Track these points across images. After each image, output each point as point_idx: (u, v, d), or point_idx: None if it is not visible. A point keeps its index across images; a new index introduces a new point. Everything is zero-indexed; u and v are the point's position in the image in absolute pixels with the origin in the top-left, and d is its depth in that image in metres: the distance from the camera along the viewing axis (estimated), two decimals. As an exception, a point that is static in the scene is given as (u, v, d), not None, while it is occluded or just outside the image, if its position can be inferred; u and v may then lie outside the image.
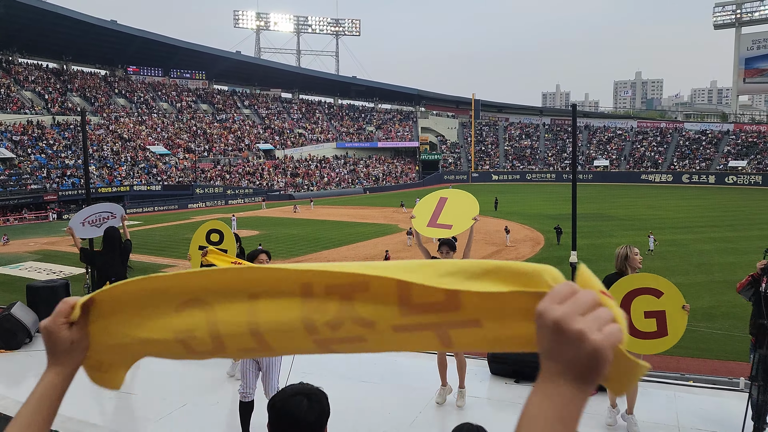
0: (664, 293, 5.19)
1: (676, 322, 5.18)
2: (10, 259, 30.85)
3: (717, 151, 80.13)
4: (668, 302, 5.17)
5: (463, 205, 6.22)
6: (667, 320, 5.17)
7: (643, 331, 5.18)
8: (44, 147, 57.54)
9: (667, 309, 5.17)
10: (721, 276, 23.94)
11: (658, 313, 5.17)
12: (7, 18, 62.32)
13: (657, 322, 5.17)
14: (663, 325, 5.18)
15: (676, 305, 5.19)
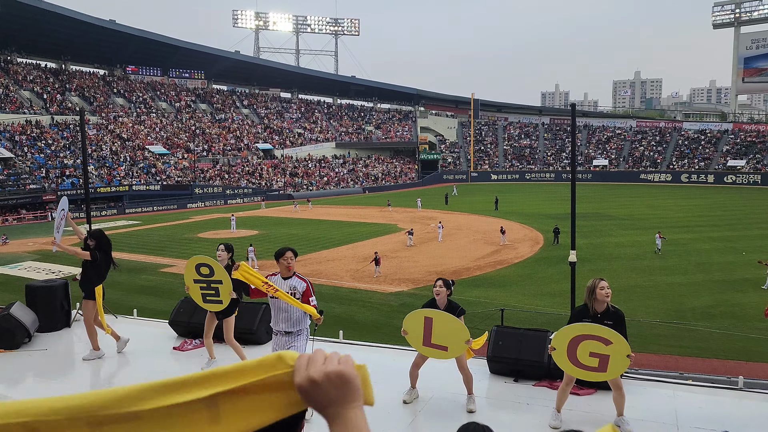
0: (612, 343, 5.50)
1: (616, 366, 5.53)
2: (9, 259, 30.83)
3: (716, 151, 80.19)
4: (615, 350, 5.50)
5: (452, 329, 6.23)
6: (609, 362, 5.52)
7: (584, 364, 5.59)
8: (43, 147, 57.50)
9: (612, 355, 5.51)
10: (720, 275, 23.97)
11: (602, 356, 5.55)
12: (6, 17, 62.26)
13: (599, 362, 5.55)
14: (604, 365, 5.55)
15: (622, 353, 5.48)
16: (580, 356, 5.60)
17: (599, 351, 5.54)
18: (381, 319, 19.46)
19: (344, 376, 1.02)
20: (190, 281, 7.23)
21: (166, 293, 21.88)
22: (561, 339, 5.69)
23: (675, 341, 16.49)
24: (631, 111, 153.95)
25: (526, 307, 19.59)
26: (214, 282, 7.14)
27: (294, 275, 5.95)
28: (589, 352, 5.56)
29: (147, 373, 7.20)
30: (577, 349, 5.60)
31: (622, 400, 5.67)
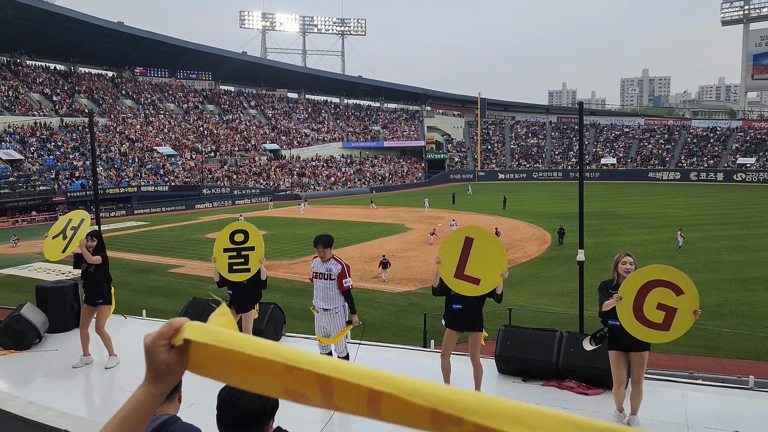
0: (684, 293, 5.24)
1: (681, 322, 5.23)
2: (19, 260, 31.04)
3: (725, 149, 79.68)
4: (684, 303, 5.22)
5: (491, 255, 5.95)
6: (676, 318, 5.23)
7: (649, 319, 5.26)
8: (52, 148, 57.86)
9: (680, 308, 5.22)
10: (730, 274, 23.82)
11: (670, 309, 5.23)
12: (15, 20, 62.69)
13: (665, 316, 5.23)
14: (669, 321, 5.24)
15: (690, 308, 5.22)
16: (646, 309, 5.21)
17: (668, 302, 5.20)
18: (389, 319, 19.47)
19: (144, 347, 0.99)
20: (219, 251, 7.37)
21: (175, 294, 21.97)
22: (632, 284, 5.30)
23: (685, 340, 16.36)
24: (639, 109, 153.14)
25: (534, 306, 19.54)
26: (245, 249, 7.31)
27: (331, 258, 6.67)
28: (657, 304, 5.21)
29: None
30: (646, 299, 5.22)
31: (639, 398, 5.54)
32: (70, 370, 7.50)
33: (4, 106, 60.43)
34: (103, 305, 7.67)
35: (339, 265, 6.62)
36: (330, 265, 6.63)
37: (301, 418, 3.31)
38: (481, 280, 5.94)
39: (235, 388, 1.93)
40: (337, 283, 6.56)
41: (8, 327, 8.15)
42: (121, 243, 35.07)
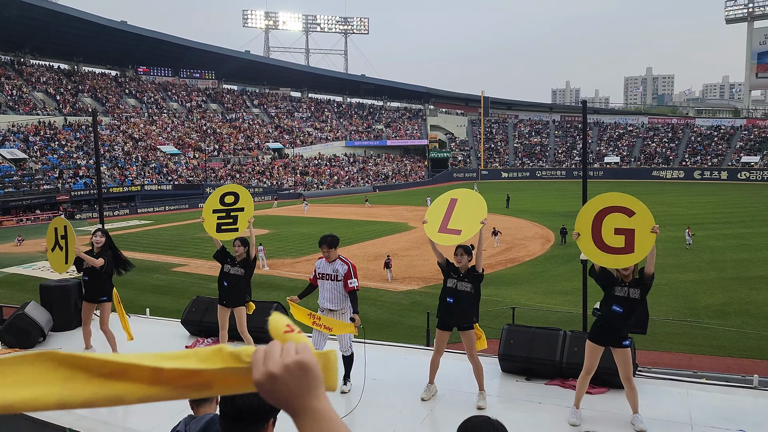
0: (636, 213, 5.34)
1: (643, 242, 5.32)
2: (23, 258, 31.12)
3: (729, 147, 79.46)
4: (639, 222, 5.33)
5: (472, 208, 6.22)
6: (635, 239, 5.31)
7: (610, 246, 5.37)
8: (56, 147, 58.00)
9: (637, 228, 5.33)
10: (734, 273, 23.76)
11: (628, 231, 5.33)
12: (19, 20, 62.84)
13: (625, 239, 5.33)
14: (630, 243, 5.32)
15: (646, 226, 5.32)
16: (605, 237, 5.34)
17: (624, 225, 5.31)
18: (392, 317, 19.47)
19: (304, 364, 0.95)
20: (209, 212, 7.56)
21: (179, 292, 22.01)
22: (584, 219, 5.43)
23: (688, 339, 16.37)
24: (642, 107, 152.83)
25: (538, 305, 19.52)
26: (235, 210, 7.46)
27: (337, 259, 6.65)
28: (614, 229, 5.32)
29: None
30: (602, 228, 5.35)
31: (635, 396, 5.55)
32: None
33: (8, 106, 60.59)
34: (105, 302, 7.73)
35: (345, 265, 6.62)
36: (336, 266, 6.62)
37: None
38: (462, 231, 6.13)
39: None
40: (343, 284, 6.54)
41: (12, 325, 8.17)
42: (124, 242, 35.13)
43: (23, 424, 5.55)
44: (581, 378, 5.70)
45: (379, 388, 6.57)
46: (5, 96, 61.82)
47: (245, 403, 1.97)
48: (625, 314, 5.57)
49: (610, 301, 5.65)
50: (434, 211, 6.40)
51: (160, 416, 5.86)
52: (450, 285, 6.26)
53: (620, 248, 5.34)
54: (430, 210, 6.46)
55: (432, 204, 6.55)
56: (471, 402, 6.21)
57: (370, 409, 6.08)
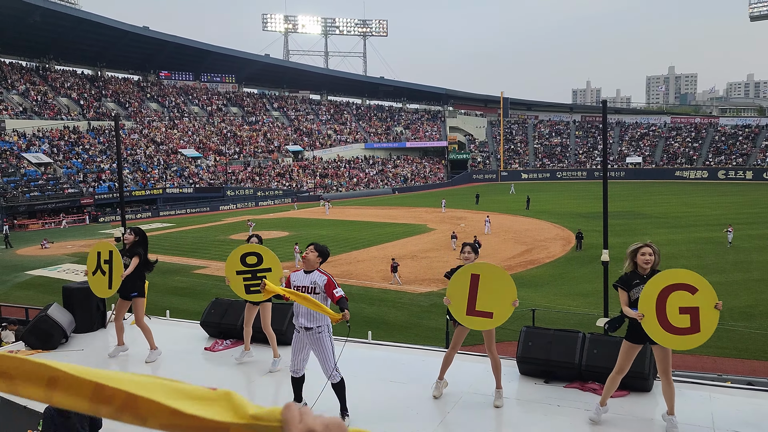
0: (698, 290, 5.18)
1: (708, 319, 5.17)
2: (48, 261, 31.67)
3: (754, 147, 78.07)
4: (702, 299, 5.17)
5: (499, 287, 5.92)
6: (701, 317, 5.17)
7: (677, 326, 5.20)
8: (80, 152, 58.93)
9: (701, 306, 5.17)
10: (759, 274, 23.34)
11: (692, 310, 5.18)
12: (44, 26, 64.01)
13: (691, 318, 5.18)
14: (696, 322, 5.17)
15: (710, 303, 5.17)
16: (671, 317, 5.15)
17: (688, 303, 5.13)
18: (411, 319, 19.45)
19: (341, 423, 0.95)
20: (232, 273, 7.23)
21: (199, 294, 22.22)
22: (648, 297, 5.24)
23: (712, 341, 16.04)
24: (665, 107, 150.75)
25: (558, 307, 19.35)
26: (261, 271, 7.12)
27: (315, 270, 5.94)
28: (679, 308, 5.14)
29: (179, 374, 7.30)
30: (667, 307, 5.16)
31: (671, 392, 5.35)
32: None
33: (33, 111, 61.73)
34: (137, 298, 7.85)
35: (324, 276, 5.89)
36: (315, 278, 5.88)
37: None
38: (494, 313, 5.93)
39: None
40: (326, 296, 5.81)
41: (36, 327, 8.30)
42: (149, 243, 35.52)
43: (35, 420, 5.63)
44: (612, 377, 5.59)
45: (397, 389, 6.55)
46: (30, 101, 63.00)
47: None
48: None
49: (631, 307, 5.55)
50: (456, 290, 6.05)
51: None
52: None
53: (686, 328, 5.19)
54: (451, 288, 6.10)
55: (451, 281, 6.14)
56: (489, 403, 6.17)
57: (386, 411, 6.06)
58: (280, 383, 6.85)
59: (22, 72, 67.50)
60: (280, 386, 6.75)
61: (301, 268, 6.07)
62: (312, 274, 5.92)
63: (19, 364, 1.01)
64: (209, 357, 8.12)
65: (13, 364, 1.01)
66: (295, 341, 6.01)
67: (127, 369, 7.72)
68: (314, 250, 6.00)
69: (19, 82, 64.70)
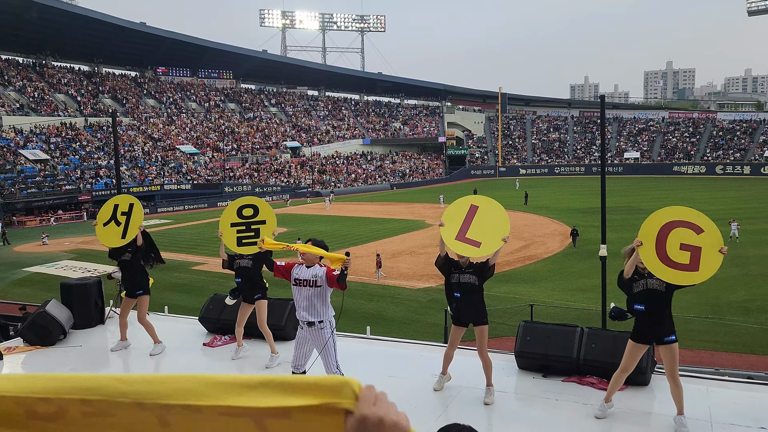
0: (704, 231, 5.14)
1: (709, 261, 5.11)
2: (46, 258, 31.65)
3: (752, 141, 78.15)
4: (707, 241, 5.12)
5: (495, 221, 5.97)
6: (702, 257, 5.11)
7: (675, 261, 5.16)
8: (78, 148, 58.81)
9: (704, 246, 5.12)
10: (757, 269, 23.38)
11: (694, 248, 5.12)
12: (41, 22, 63.79)
13: (691, 256, 5.12)
14: (696, 261, 5.12)
15: (714, 246, 5.11)
16: (670, 250, 5.11)
17: (690, 242, 5.09)
18: (410, 315, 19.47)
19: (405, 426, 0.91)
20: (226, 226, 7.33)
21: (197, 290, 22.22)
22: (650, 228, 5.24)
23: (710, 336, 16.14)
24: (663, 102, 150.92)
25: (556, 302, 19.38)
26: (255, 223, 7.23)
27: (316, 264, 6.04)
28: (680, 244, 5.10)
29: (178, 369, 7.31)
30: (668, 240, 5.13)
31: (680, 394, 5.32)
32: (95, 366, 7.63)
33: (30, 107, 61.58)
34: (142, 295, 7.94)
35: (324, 267, 6.00)
36: (316, 270, 5.94)
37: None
38: (482, 243, 5.93)
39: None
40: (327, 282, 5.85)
41: (34, 323, 8.30)
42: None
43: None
44: (617, 375, 5.58)
45: (396, 384, 6.56)
46: (27, 98, 62.84)
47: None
48: (648, 310, 5.42)
49: (631, 301, 5.55)
50: (452, 216, 6.14)
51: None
52: (453, 280, 6.24)
53: (684, 264, 5.12)
54: (448, 213, 6.21)
55: (450, 207, 6.27)
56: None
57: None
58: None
59: (19, 68, 67.30)
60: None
61: (303, 263, 6.13)
62: (313, 268, 6.01)
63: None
64: (208, 352, 8.13)
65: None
66: (298, 336, 6.09)
67: (130, 363, 7.75)
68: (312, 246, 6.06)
69: (15, 79, 64.51)
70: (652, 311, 5.40)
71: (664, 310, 5.45)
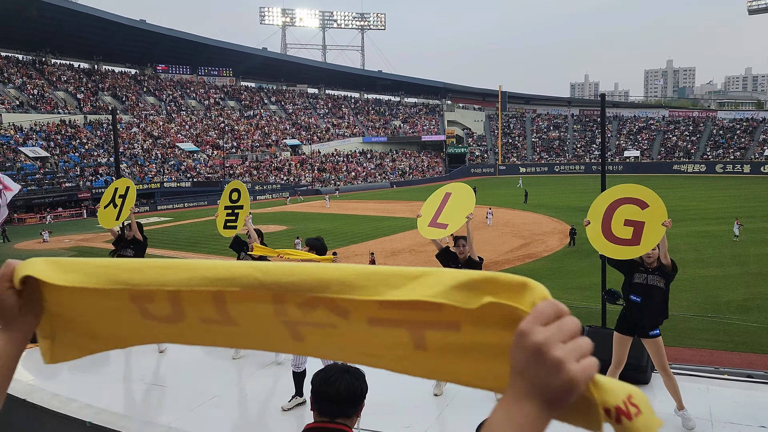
0: (649, 206, 5.29)
1: (651, 235, 5.26)
2: (47, 255, 31.31)
3: (752, 140, 78.13)
4: (651, 215, 5.27)
5: (461, 202, 6.20)
6: (644, 231, 5.26)
7: (617, 236, 5.32)
8: (77, 146, 58.78)
9: (647, 221, 5.27)
10: (757, 267, 23.38)
11: (637, 223, 5.28)
12: (40, 20, 63.73)
13: (633, 231, 5.28)
14: (638, 235, 5.27)
15: (658, 219, 5.25)
16: (614, 227, 5.31)
17: (634, 217, 5.28)
18: (409, 313, 19.45)
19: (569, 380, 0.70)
20: (221, 208, 7.99)
21: (197, 288, 22.19)
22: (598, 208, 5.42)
23: (710, 335, 16.14)
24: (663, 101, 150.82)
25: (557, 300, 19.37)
26: (237, 207, 7.85)
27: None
28: (624, 221, 5.29)
29: (177, 366, 7.32)
30: (612, 218, 5.33)
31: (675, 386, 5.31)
32: (95, 363, 7.62)
33: (30, 105, 61.53)
34: None
35: None
36: None
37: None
38: (448, 225, 6.13)
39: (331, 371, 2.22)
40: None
41: (34, 321, 8.31)
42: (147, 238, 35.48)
43: (46, 419, 5.64)
44: (611, 371, 5.60)
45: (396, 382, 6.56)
46: (27, 95, 62.79)
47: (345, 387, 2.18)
48: (643, 303, 5.45)
49: (629, 290, 5.58)
50: (429, 206, 6.36)
51: (179, 410, 5.92)
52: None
53: (626, 239, 5.28)
54: (426, 205, 6.41)
55: (429, 198, 6.50)
56: (488, 396, 6.18)
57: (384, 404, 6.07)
58: (278, 376, 6.87)
59: (19, 66, 67.25)
60: (279, 379, 6.77)
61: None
62: None
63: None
64: (208, 350, 8.12)
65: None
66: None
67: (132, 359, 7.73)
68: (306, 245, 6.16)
69: (15, 76, 64.46)
70: (647, 305, 5.45)
71: (660, 305, 5.49)
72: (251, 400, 6.36)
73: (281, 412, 5.80)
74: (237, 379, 6.90)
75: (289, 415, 5.76)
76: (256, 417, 6.03)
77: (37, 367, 7.41)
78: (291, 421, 5.54)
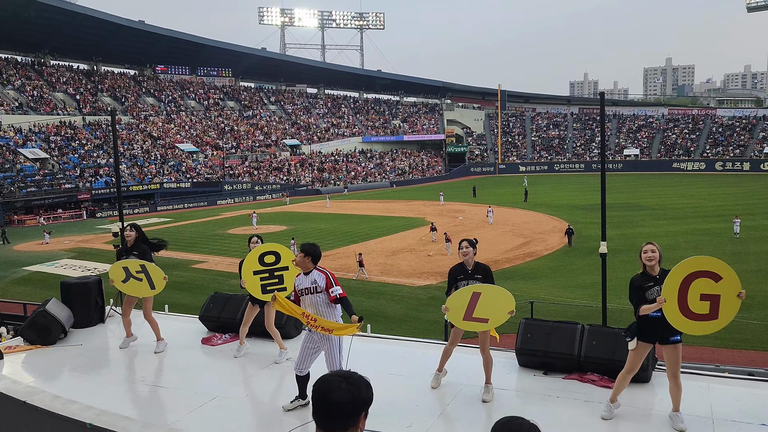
0: (723, 278, 5.21)
1: (728, 308, 5.22)
2: (46, 257, 31.62)
3: (752, 138, 78.13)
4: (725, 287, 5.20)
5: (499, 300, 6.06)
6: (720, 304, 5.21)
7: (695, 312, 5.24)
8: (77, 147, 58.76)
9: (723, 294, 5.20)
10: (757, 265, 23.39)
11: (713, 297, 5.21)
12: (39, 21, 63.69)
13: (710, 305, 5.21)
14: (715, 309, 5.21)
15: (732, 291, 5.20)
16: (691, 302, 5.19)
17: (710, 291, 5.17)
18: (410, 312, 19.48)
19: None
20: (249, 273, 7.29)
21: (197, 289, 22.22)
22: (672, 284, 5.26)
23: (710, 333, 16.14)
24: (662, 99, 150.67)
25: (557, 299, 19.38)
26: (278, 269, 7.25)
27: (314, 269, 5.93)
28: (700, 295, 5.17)
29: (178, 367, 7.32)
30: (689, 293, 5.19)
31: (679, 393, 5.36)
32: (95, 365, 7.62)
33: (29, 106, 61.51)
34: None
35: (323, 275, 5.89)
36: (314, 277, 5.88)
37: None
38: (489, 319, 6.05)
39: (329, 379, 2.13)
40: (326, 296, 5.84)
41: (34, 322, 8.29)
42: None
43: (47, 420, 5.64)
44: (622, 375, 5.59)
45: (397, 382, 6.56)
46: (26, 97, 62.77)
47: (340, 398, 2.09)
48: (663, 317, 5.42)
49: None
50: (456, 302, 6.19)
51: (179, 411, 5.92)
52: (461, 286, 6.23)
53: (704, 314, 5.22)
54: (451, 300, 6.23)
55: (453, 295, 6.26)
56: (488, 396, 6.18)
57: (385, 404, 6.07)
58: (282, 377, 6.87)
59: (18, 67, 67.22)
60: (282, 380, 6.77)
61: (301, 272, 6.05)
62: (311, 274, 5.92)
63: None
64: (208, 351, 8.12)
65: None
66: (306, 340, 5.95)
67: (132, 361, 7.75)
68: (301, 251, 5.99)
69: (14, 77, 64.45)
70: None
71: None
72: (252, 400, 6.36)
73: (283, 412, 5.80)
74: (238, 380, 6.90)
75: (290, 415, 5.75)
76: (257, 417, 6.02)
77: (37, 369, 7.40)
78: (293, 421, 5.54)
